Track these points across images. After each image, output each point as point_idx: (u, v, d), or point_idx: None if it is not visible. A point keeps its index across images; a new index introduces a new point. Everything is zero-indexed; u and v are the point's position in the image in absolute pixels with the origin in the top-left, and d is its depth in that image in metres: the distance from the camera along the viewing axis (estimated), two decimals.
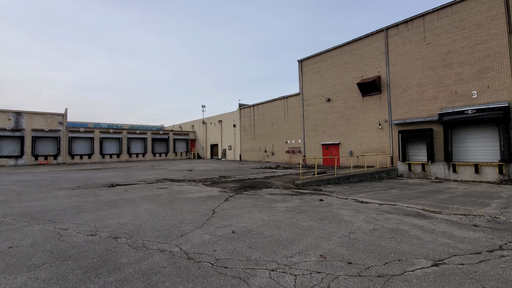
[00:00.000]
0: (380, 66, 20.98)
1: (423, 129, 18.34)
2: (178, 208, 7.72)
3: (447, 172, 17.24)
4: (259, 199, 9.10)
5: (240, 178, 15.65)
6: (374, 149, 21.22)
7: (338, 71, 23.70)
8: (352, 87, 22.65)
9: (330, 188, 12.40)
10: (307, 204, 8.13)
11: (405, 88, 19.55)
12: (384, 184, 14.25)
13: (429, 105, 18.42)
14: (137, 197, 9.74)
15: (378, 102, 21.05)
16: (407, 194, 10.60)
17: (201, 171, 20.64)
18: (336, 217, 6.45)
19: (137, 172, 20.75)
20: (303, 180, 12.95)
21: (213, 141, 41.51)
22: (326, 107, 24.62)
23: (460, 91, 17.14)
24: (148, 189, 11.89)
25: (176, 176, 17.10)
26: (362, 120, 22.01)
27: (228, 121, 37.99)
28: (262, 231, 5.37)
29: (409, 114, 19.36)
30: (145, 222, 6.23)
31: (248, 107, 34.15)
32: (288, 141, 28.44)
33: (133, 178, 16.21)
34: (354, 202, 8.51)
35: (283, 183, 13.32)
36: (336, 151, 23.81)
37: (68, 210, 7.72)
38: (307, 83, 26.47)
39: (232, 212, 7.13)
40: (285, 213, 6.96)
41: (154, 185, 13.17)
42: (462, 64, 17.08)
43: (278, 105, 29.82)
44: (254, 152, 33.20)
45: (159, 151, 41.26)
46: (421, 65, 18.77)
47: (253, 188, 11.87)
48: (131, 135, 38.71)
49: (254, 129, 33.16)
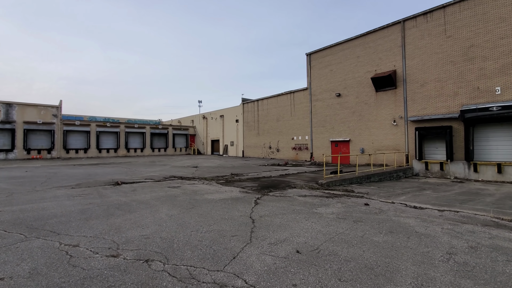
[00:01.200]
0: (395, 60, 19.86)
1: (442, 127, 17.34)
2: (206, 214, 6.40)
3: (467, 172, 16.31)
4: (293, 202, 7.84)
5: (254, 176, 14.36)
6: (387, 146, 20.19)
7: (350, 65, 22.50)
8: (365, 81, 21.50)
9: (357, 188, 11.24)
10: (354, 209, 6.92)
11: (423, 83, 18.49)
12: (409, 184, 13.18)
13: (449, 101, 17.42)
14: (150, 199, 8.36)
15: (393, 98, 19.97)
16: (448, 197, 9.51)
17: (208, 168, 19.25)
18: (407, 229, 5.25)
19: (139, 168, 19.23)
20: (327, 180, 11.76)
21: (214, 136, 39.99)
22: (336, 102, 23.45)
23: (482, 87, 16.16)
24: (159, 188, 10.49)
25: (183, 173, 15.69)
26: (375, 116, 20.92)
27: (230, 116, 36.52)
28: (335, 251, 4.11)
29: (426, 111, 18.34)
30: (175, 234, 4.89)
31: (252, 102, 32.73)
32: (295, 138, 27.22)
33: (137, 175, 14.74)
34: (404, 207, 7.33)
35: (305, 182, 12.10)
36: (346, 148, 22.72)
37: (73, 215, 6.31)
38: (316, 77, 25.22)
39: (274, 220, 5.86)
40: (339, 222, 5.73)
41: (163, 183, 11.77)
42: (485, 58, 16.08)
43: (284, 100, 28.51)
44: (258, 148, 31.90)
45: (158, 146, 39.54)
46: (441, 59, 17.71)
47: (276, 188, 10.60)
48: (129, 129, 36.86)
49: (258, 125, 31.82)
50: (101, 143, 34.88)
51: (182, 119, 48.31)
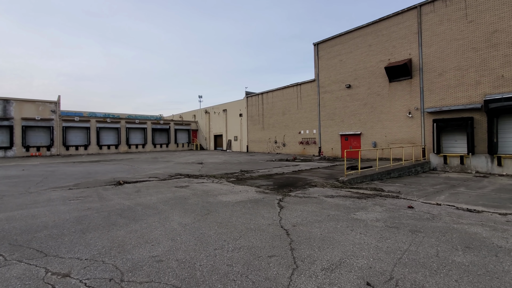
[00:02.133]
0: (411, 48, 18.57)
1: (462, 118, 16.17)
2: (226, 223, 5.29)
3: (489, 166, 15.21)
4: (323, 205, 6.73)
5: (266, 173, 13.25)
6: (402, 140, 19.05)
7: (361, 54, 21.20)
8: (377, 71, 20.24)
9: (382, 185, 10.14)
10: (400, 214, 5.82)
11: (441, 72, 17.25)
12: (433, 180, 12.07)
13: (470, 91, 16.21)
14: (157, 202, 7.25)
15: (408, 88, 18.75)
16: (490, 195, 8.41)
17: (214, 164, 18.14)
18: (484, 242, 4.15)
19: (142, 165, 18.11)
20: (348, 177, 10.65)
21: (217, 131, 38.79)
22: (346, 94, 22.22)
23: (508, 75, 14.93)
24: (165, 188, 9.39)
25: (189, 171, 14.58)
26: (388, 108, 19.72)
27: (233, 110, 35.26)
28: (417, 281, 3.01)
29: (445, 101, 17.14)
30: (195, 254, 3.79)
31: (256, 95, 31.45)
32: (302, 131, 26.05)
33: (140, 173, 13.63)
34: (456, 210, 6.23)
35: (323, 179, 10.99)
36: (357, 142, 21.58)
37: (66, 226, 5.21)
38: (324, 68, 23.92)
39: (313, 230, 4.75)
40: (393, 232, 4.62)
41: (169, 182, 10.65)
42: (511, 45, 14.82)
43: (290, 92, 27.24)
44: (262, 143, 30.74)
45: (159, 142, 38.37)
46: (461, 46, 16.44)
47: (295, 186, 9.50)
48: (130, 125, 35.64)
49: (262, 119, 30.59)
50: (101, 139, 33.70)
51: (183, 114, 47.03)
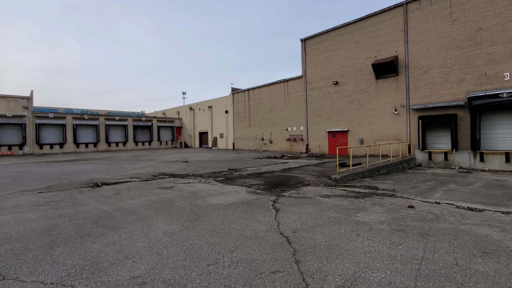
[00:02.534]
0: (397, 45, 18.63)
1: (447, 115, 16.40)
2: (219, 230, 4.74)
3: (472, 161, 15.53)
4: (320, 205, 6.33)
5: (255, 172, 12.75)
6: (388, 136, 19.15)
7: (348, 51, 21.09)
8: (364, 68, 20.21)
9: (373, 182, 9.93)
10: (402, 215, 5.50)
11: (426, 70, 17.41)
12: (422, 177, 12.06)
13: (454, 88, 16.46)
14: (139, 206, 6.56)
15: (394, 85, 18.83)
16: (482, 192, 8.36)
17: (200, 163, 17.41)
18: (499, 246, 3.86)
19: (123, 164, 17.07)
20: (340, 174, 10.36)
21: (202, 128, 37.78)
22: (333, 91, 22.09)
23: (490, 73, 15.25)
24: (148, 189, 8.66)
25: (174, 170, 13.81)
26: (375, 105, 19.76)
27: (219, 107, 34.41)
28: None
29: (430, 98, 17.33)
30: (185, 273, 3.21)
31: (242, 92, 30.79)
32: (289, 128, 25.74)
33: (120, 173, 12.72)
34: (457, 209, 6.01)
35: (315, 178, 10.64)
36: (344, 139, 21.54)
37: (32, 238, 4.45)
38: (311, 64, 23.66)
39: (316, 237, 4.29)
40: (402, 237, 4.26)
41: (153, 183, 9.91)
42: (494, 43, 15.12)
43: (277, 89, 26.82)
44: (249, 140, 30.20)
45: (141, 140, 36.85)
46: (446, 44, 16.62)
47: (287, 186, 9.06)
48: (110, 121, 33.91)
49: (249, 116, 30.02)
50: (78, 137, 31.83)
51: (167, 110, 45.52)
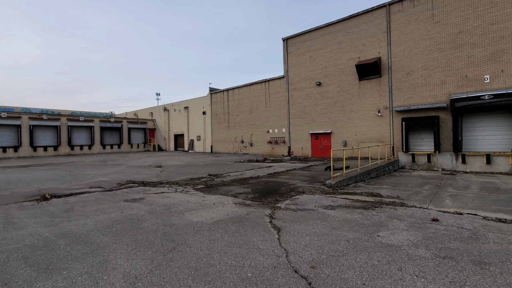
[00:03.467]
0: (380, 46, 18.31)
1: (429, 117, 16.24)
2: (206, 269, 3.30)
3: (454, 163, 15.42)
4: (329, 221, 5.12)
5: (239, 177, 11.35)
6: (371, 138, 18.72)
7: (331, 51, 20.50)
8: (347, 69, 19.71)
9: (372, 188, 9.01)
10: (433, 233, 4.43)
11: (409, 72, 17.21)
12: (412, 180, 11.44)
13: (436, 90, 16.36)
14: (94, 228, 4.91)
15: (377, 87, 18.47)
16: (484, 197, 7.71)
17: (176, 168, 15.63)
18: None
19: (85, 170, 14.80)
20: (335, 180, 9.31)
21: (177, 130, 35.50)
22: (316, 92, 21.38)
23: (471, 76, 15.28)
24: (111, 203, 6.92)
25: (145, 176, 11.98)
26: (358, 106, 19.28)
27: (196, 108, 32.48)
28: None
29: (413, 100, 17.13)
30: None
31: (221, 92, 29.22)
32: (270, 130, 24.64)
33: (79, 181, 10.67)
34: (484, 220, 5.09)
35: (307, 183, 9.49)
36: (327, 141, 20.85)
37: None
38: (294, 64, 22.82)
39: (347, 276, 3.03)
40: (457, 269, 3.14)
41: (117, 194, 8.13)
42: (475, 45, 15.18)
43: (257, 89, 25.65)
44: (228, 142, 28.65)
45: (110, 143, 33.75)
46: (428, 46, 16.52)
47: (280, 194, 7.79)
48: (73, 122, 30.57)
49: (228, 117, 28.49)
50: (36, 139, 28.21)
51: (139, 111, 42.48)
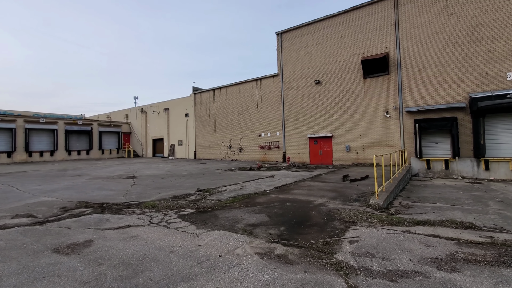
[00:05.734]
0: (388, 41, 16.26)
1: (447, 118, 14.23)
2: None
3: (475, 170, 13.43)
4: None
5: (240, 193, 8.33)
6: (379, 143, 16.48)
7: (332, 46, 18.22)
8: (351, 66, 17.47)
9: (436, 210, 6.41)
10: None
11: (421, 68, 15.23)
12: (452, 193, 9.07)
13: (452, 89, 14.45)
14: None
15: (385, 85, 16.34)
16: None
17: (153, 179, 12.26)
18: None
19: (30, 184, 11.02)
20: (380, 197, 6.58)
21: (156, 134, 31.63)
22: (315, 91, 18.94)
23: (491, 72, 13.49)
24: (23, 260, 3.66)
25: (108, 194, 8.60)
26: (363, 107, 17.03)
27: (177, 109, 28.96)
28: None
29: (426, 100, 15.12)
30: None
31: (206, 92, 26.04)
32: (262, 134, 21.82)
33: (7, 204, 7.12)
34: None
35: (343, 203, 6.69)
36: (327, 145, 18.37)
37: None
38: (289, 61, 20.30)
39: None
40: None
41: (50, 231, 4.84)
42: (494, 39, 13.44)
43: (248, 89, 22.81)
44: (214, 148, 25.40)
45: (77, 148, 29.18)
46: (442, 40, 14.64)
47: (319, 228, 4.91)
48: (32, 125, 25.85)
49: (214, 119, 25.31)
50: None
51: (113, 113, 37.98)
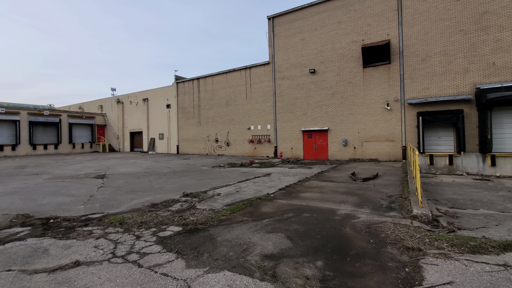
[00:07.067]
0: (389, 27, 15.01)
1: (452, 111, 13.27)
2: None
3: (481, 166, 12.59)
4: None
5: (238, 199, 6.63)
6: (378, 136, 15.36)
7: (328, 32, 16.74)
8: (349, 54, 16.11)
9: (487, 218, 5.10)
10: None
11: (425, 57, 14.14)
12: (472, 193, 7.93)
13: (458, 80, 13.49)
14: None
15: (385, 75, 15.15)
16: None
17: (127, 179, 10.24)
18: None
19: None
20: (426, 206, 5.17)
21: (134, 127, 28.92)
22: (310, 81, 17.45)
23: (499, 63, 12.62)
24: None
25: (64, 201, 6.59)
26: (362, 99, 15.79)
27: (158, 100, 26.46)
28: None
29: (430, 91, 14.09)
30: None
31: (190, 81, 23.78)
32: (252, 127, 20.10)
33: None
34: None
35: (378, 214, 5.19)
36: (323, 139, 17.04)
37: None
38: (282, 48, 18.61)
39: None
40: None
41: None
42: (502, 28, 12.54)
43: (236, 78, 20.90)
44: (199, 142, 23.35)
45: (43, 142, 25.94)
46: (448, 27, 13.59)
47: (372, 260, 3.37)
48: None
49: (199, 111, 23.20)
50: None
51: (85, 104, 34.52)
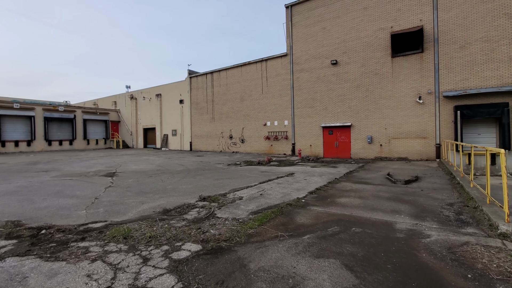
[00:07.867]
0: (422, 11, 13.58)
1: (495, 104, 11.81)
2: None
3: None
4: None
5: (264, 206, 5.69)
6: (408, 133, 14.03)
7: (352, 20, 15.44)
8: (375, 43, 14.79)
9: None
10: None
11: (464, 45, 12.66)
12: None
13: (502, 69, 11.97)
14: None
15: (417, 66, 13.75)
16: None
17: (138, 177, 9.52)
18: None
19: None
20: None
21: (147, 123, 28.57)
22: (331, 73, 16.24)
23: None
24: None
25: (64, 204, 5.85)
26: (390, 91, 14.47)
27: (171, 95, 25.91)
28: None
29: (469, 83, 12.62)
30: None
31: (204, 75, 23.01)
32: (268, 123, 19.12)
33: None
34: None
35: (440, 226, 4.16)
36: (345, 136, 15.84)
37: None
38: (300, 38, 17.46)
39: None
40: None
41: None
42: None
43: (252, 71, 19.92)
44: (212, 138, 22.62)
45: (58, 138, 25.96)
46: (491, 11, 12.05)
47: None
48: (3, 111, 22.52)
49: (213, 106, 22.43)
50: None
51: (100, 100, 34.55)
